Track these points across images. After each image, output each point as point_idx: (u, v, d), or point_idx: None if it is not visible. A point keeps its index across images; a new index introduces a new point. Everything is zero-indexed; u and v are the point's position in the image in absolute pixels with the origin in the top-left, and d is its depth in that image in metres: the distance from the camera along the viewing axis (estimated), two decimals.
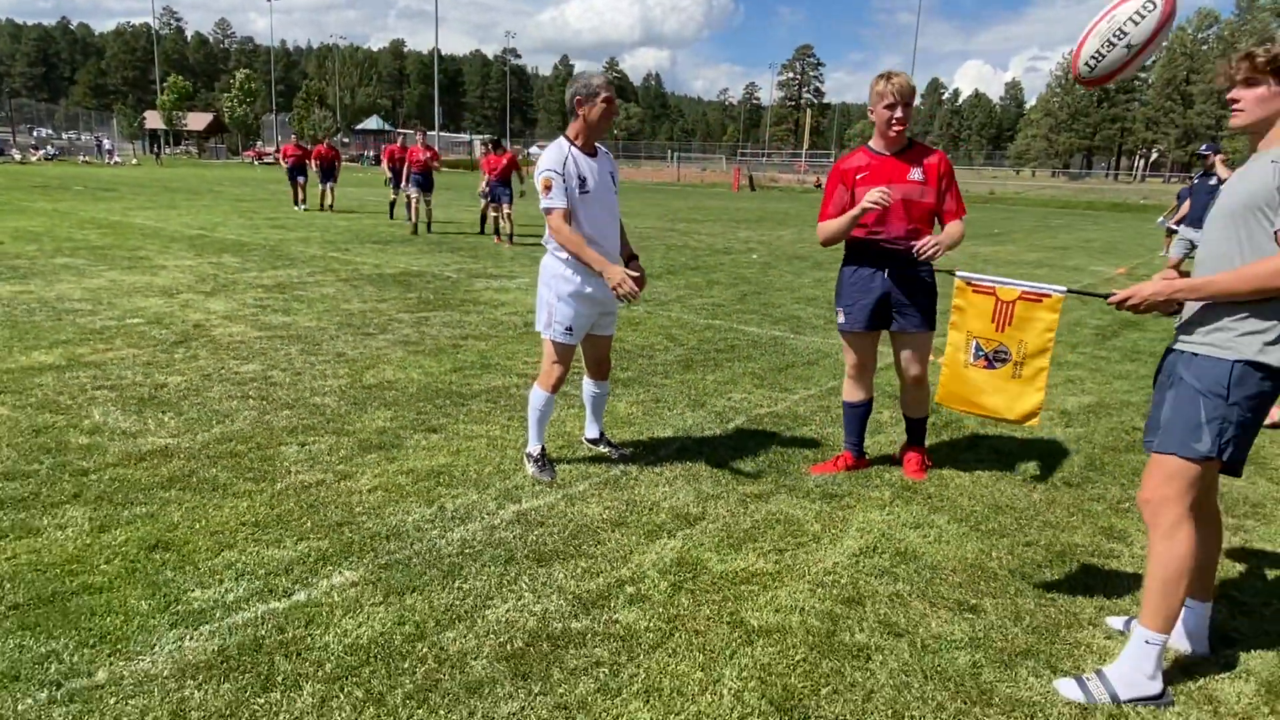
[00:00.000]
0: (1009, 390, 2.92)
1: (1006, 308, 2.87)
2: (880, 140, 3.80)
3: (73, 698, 2.21)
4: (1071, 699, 2.41)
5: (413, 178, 15.07)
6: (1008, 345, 2.89)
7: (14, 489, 3.49)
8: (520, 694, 2.32)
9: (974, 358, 2.95)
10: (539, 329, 3.95)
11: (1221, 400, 2.30)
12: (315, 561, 3.00)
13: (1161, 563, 2.38)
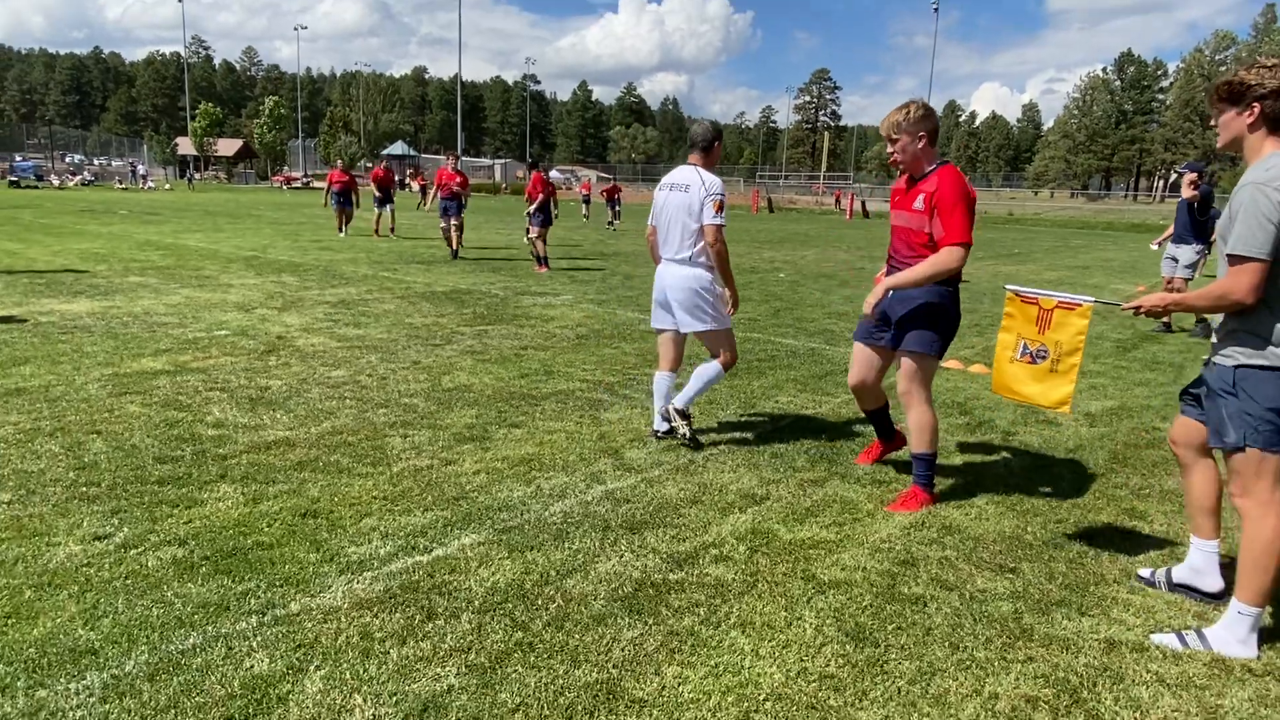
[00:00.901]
0: (1046, 381, 3.40)
1: (1047, 314, 3.36)
2: None
3: (277, 621, 2.71)
4: (1166, 645, 2.79)
5: (441, 203, 15.11)
6: (1047, 345, 3.37)
7: (168, 470, 4.02)
8: (638, 624, 2.80)
9: (1020, 354, 3.44)
10: (712, 327, 4.65)
11: (1234, 399, 2.71)
12: (444, 527, 3.50)
13: (1249, 543, 2.75)
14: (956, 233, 3.67)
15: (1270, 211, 2.53)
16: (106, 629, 2.61)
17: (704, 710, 2.36)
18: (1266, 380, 2.66)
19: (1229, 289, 2.64)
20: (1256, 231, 2.55)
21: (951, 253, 3.68)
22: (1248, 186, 2.61)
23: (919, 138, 3.82)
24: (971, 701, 2.47)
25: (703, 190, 4.57)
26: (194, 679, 2.38)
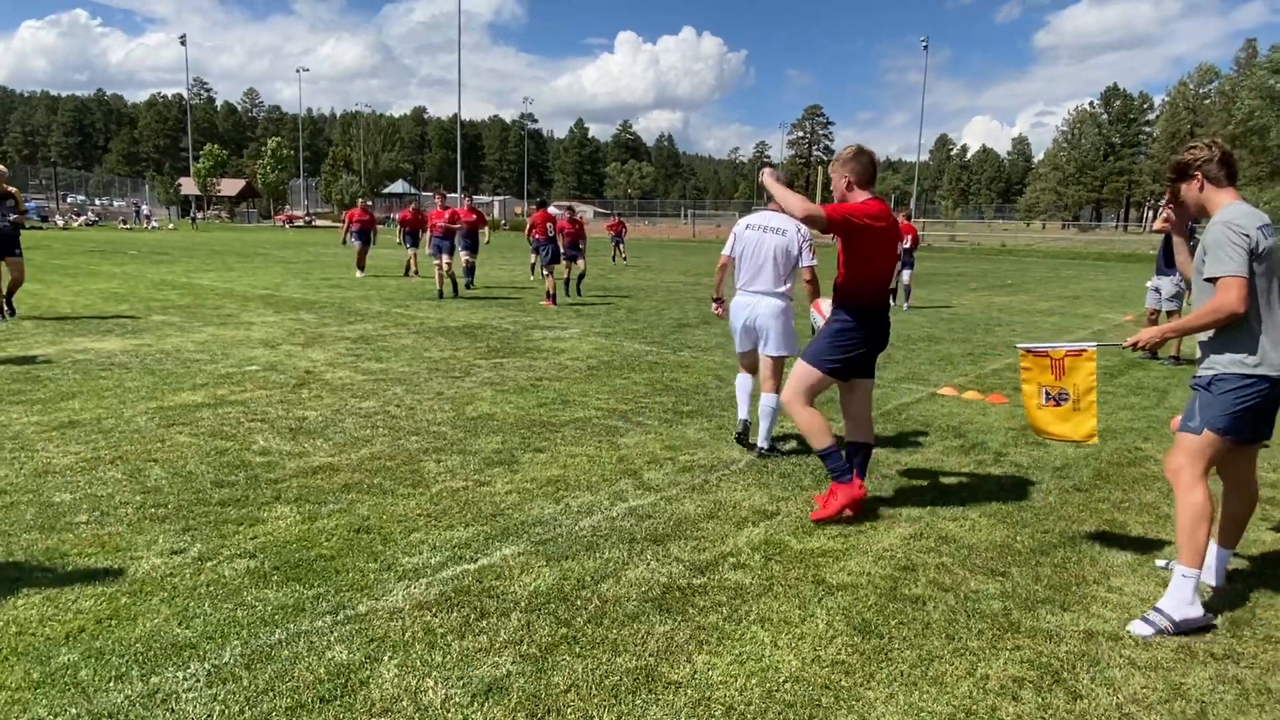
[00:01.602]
0: (1073, 419, 3.82)
1: (1059, 363, 3.80)
2: None
3: (349, 620, 3.05)
4: (1140, 634, 3.17)
5: (460, 239, 15.53)
6: (1066, 389, 3.79)
7: (226, 493, 4.37)
8: (668, 621, 3.14)
9: (1045, 401, 3.87)
10: (795, 353, 4.98)
11: (1206, 393, 3.30)
12: (485, 540, 3.85)
13: (1182, 512, 3.27)
14: (824, 208, 4.05)
15: (1239, 240, 3.15)
16: (199, 628, 2.95)
17: (732, 690, 2.70)
18: (1234, 382, 3.24)
19: (1221, 304, 3.19)
20: (1233, 255, 3.15)
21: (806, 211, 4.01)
22: (1218, 225, 3.24)
23: (844, 179, 4.29)
24: (965, 682, 2.81)
25: (799, 236, 5.23)
26: (284, 667, 2.72)
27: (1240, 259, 3.14)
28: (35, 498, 4.19)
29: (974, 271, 28.76)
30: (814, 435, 4.31)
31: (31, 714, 2.42)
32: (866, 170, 4.30)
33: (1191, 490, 3.27)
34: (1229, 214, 3.24)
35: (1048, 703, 2.71)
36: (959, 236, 63.26)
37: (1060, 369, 3.83)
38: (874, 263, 4.24)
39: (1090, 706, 2.69)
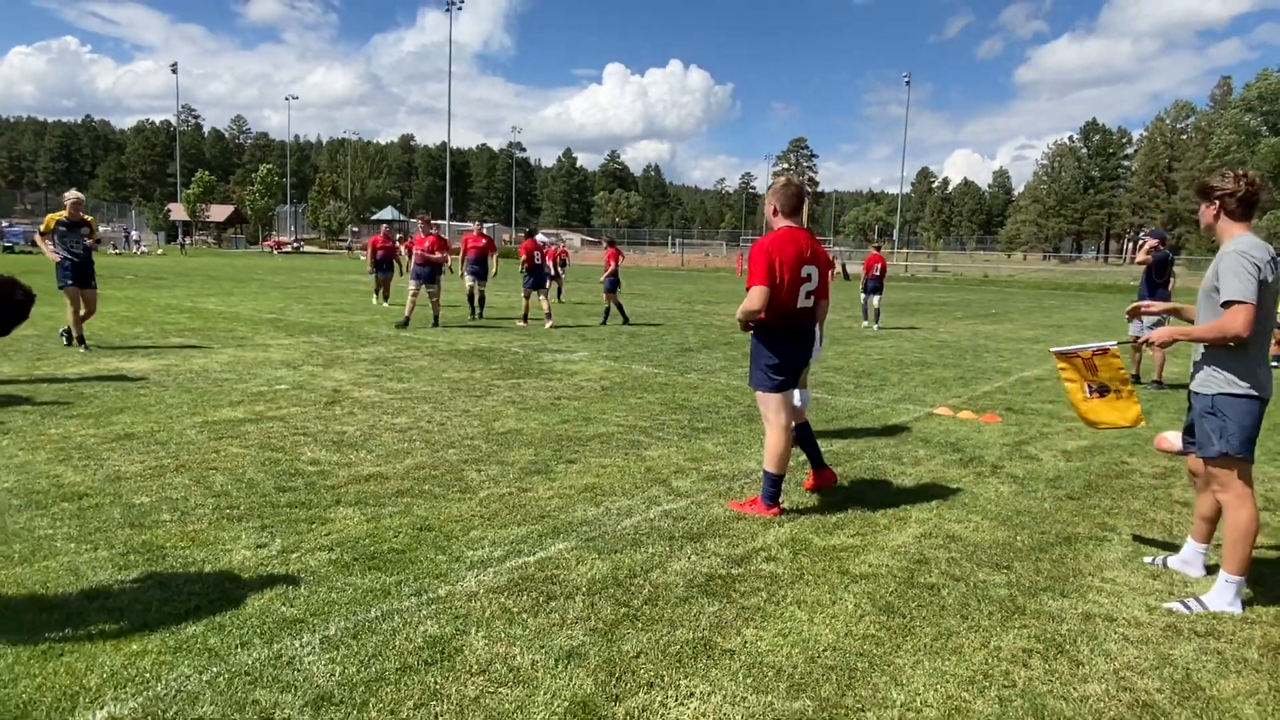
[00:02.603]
0: (1118, 406, 4.26)
1: (1089, 361, 4.24)
2: None
3: (432, 602, 3.41)
4: (1176, 609, 3.61)
5: (468, 265, 15.87)
6: (1105, 383, 4.23)
7: (290, 497, 4.72)
8: (715, 603, 3.53)
9: (1090, 394, 4.30)
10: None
11: (1214, 418, 3.65)
12: (538, 537, 4.23)
13: (1232, 528, 3.64)
14: (750, 279, 4.63)
15: (1252, 269, 3.49)
16: (302, 606, 3.31)
17: (779, 657, 3.09)
18: (1238, 403, 3.62)
19: (1227, 326, 3.56)
20: (1246, 283, 3.49)
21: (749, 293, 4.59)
22: (1231, 253, 3.56)
23: (772, 207, 4.83)
24: (980, 652, 3.21)
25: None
26: (386, 638, 3.08)
27: (1251, 286, 3.47)
28: (116, 500, 4.53)
29: (958, 301, 29.43)
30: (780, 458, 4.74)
31: (178, 672, 2.78)
32: (789, 201, 4.81)
33: (1239, 509, 3.64)
34: (1243, 244, 3.56)
35: (1053, 669, 3.11)
36: (941, 267, 64.35)
37: (1092, 365, 4.28)
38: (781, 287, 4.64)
39: (1091, 671, 3.10)
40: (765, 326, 4.73)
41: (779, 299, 4.63)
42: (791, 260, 4.62)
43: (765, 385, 4.76)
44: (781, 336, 4.74)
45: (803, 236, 4.76)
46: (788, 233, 4.70)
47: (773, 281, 4.56)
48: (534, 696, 2.74)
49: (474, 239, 15.96)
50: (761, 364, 4.76)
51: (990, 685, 2.97)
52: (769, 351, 4.74)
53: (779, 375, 4.74)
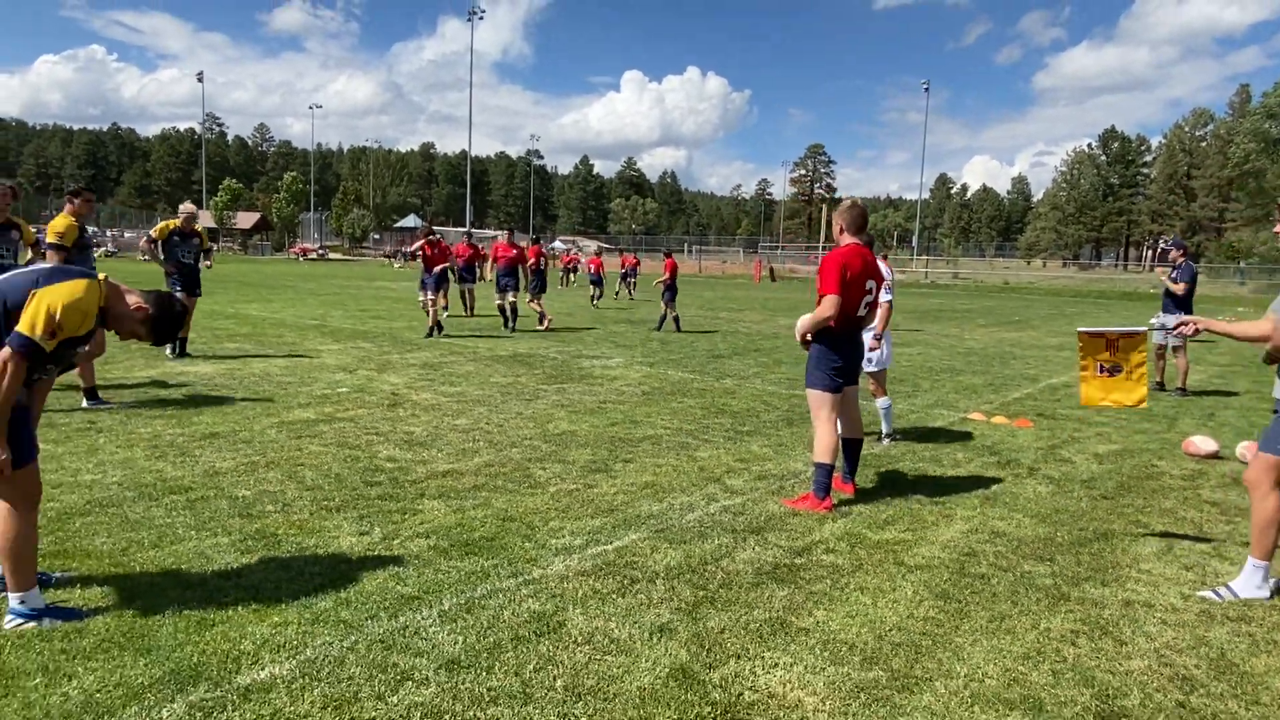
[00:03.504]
0: (1124, 387, 4.59)
1: (1114, 341, 4.57)
2: None
3: (529, 583, 3.76)
4: (1208, 597, 3.91)
5: (498, 276, 15.69)
6: (1119, 363, 4.56)
7: (378, 490, 5.09)
8: (785, 588, 3.86)
9: (1099, 372, 4.64)
10: None
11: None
12: (612, 528, 4.57)
13: (1256, 516, 3.94)
14: (822, 288, 5.02)
15: None
16: (414, 585, 3.67)
17: (850, 634, 3.41)
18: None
19: (1269, 333, 3.86)
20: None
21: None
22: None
23: (839, 225, 5.24)
24: (1032, 632, 3.52)
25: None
26: (495, 613, 3.44)
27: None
28: (220, 493, 4.91)
29: (979, 308, 29.58)
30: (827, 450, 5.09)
31: (321, 640, 3.14)
32: (854, 221, 5.24)
33: (1266, 499, 3.92)
34: None
35: (1099, 648, 3.41)
36: (961, 274, 64.33)
37: (1114, 346, 4.61)
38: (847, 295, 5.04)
39: (1134, 649, 3.40)
40: (830, 333, 5.07)
41: (845, 308, 4.99)
42: (858, 273, 5.00)
43: (825, 385, 5.09)
44: (843, 342, 5.10)
45: (866, 253, 5.14)
46: (854, 248, 5.08)
47: (843, 291, 4.91)
48: (637, 663, 3.08)
49: (504, 248, 15.78)
50: (826, 367, 5.09)
51: (1043, 660, 3.28)
52: (834, 354, 5.09)
53: (839, 377, 5.09)
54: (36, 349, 2.97)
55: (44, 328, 2.97)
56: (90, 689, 2.72)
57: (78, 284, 3.11)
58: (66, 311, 3.02)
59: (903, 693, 2.98)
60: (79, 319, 3.07)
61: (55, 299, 3.01)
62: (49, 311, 2.98)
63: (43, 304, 2.99)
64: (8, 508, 3.09)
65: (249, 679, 2.83)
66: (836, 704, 2.88)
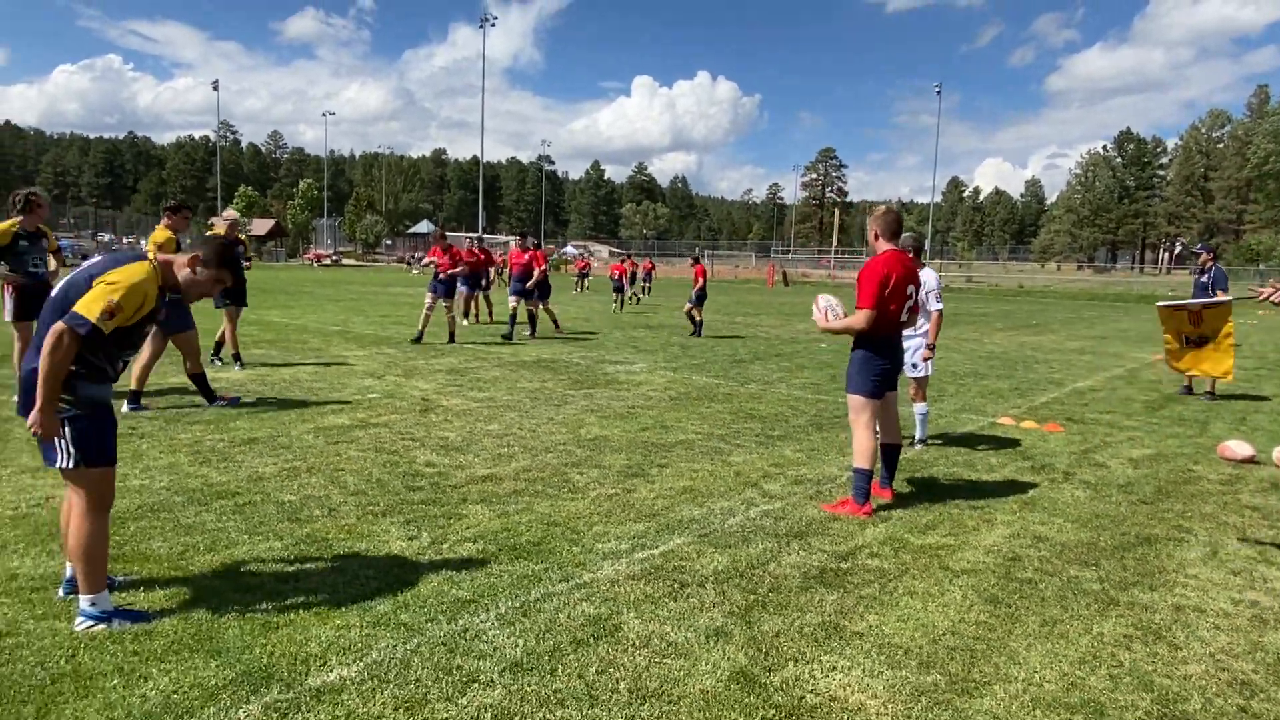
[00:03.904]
0: (1213, 358, 4.64)
1: (1196, 314, 4.62)
2: None
3: (580, 587, 3.80)
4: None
5: (512, 284, 15.38)
6: (1205, 333, 4.60)
7: (421, 495, 5.14)
8: (834, 592, 3.87)
9: (1185, 345, 4.69)
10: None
11: None
12: (656, 532, 4.60)
13: None
14: (860, 301, 5.08)
15: None
16: (469, 589, 3.71)
17: (904, 639, 3.43)
18: None
19: None
20: None
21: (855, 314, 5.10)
22: None
23: (874, 232, 5.28)
24: (1085, 636, 3.53)
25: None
26: (551, 616, 3.47)
27: None
28: (266, 498, 4.97)
29: (996, 312, 29.47)
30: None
31: (384, 643, 3.18)
32: (889, 227, 5.26)
33: None
34: None
35: (1154, 652, 3.42)
36: (975, 278, 64.09)
37: (1198, 318, 4.66)
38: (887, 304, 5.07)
39: (1189, 654, 3.40)
40: (871, 340, 5.09)
41: (885, 316, 5.02)
42: (898, 281, 5.01)
43: (867, 391, 5.11)
44: (885, 348, 5.12)
45: (905, 258, 5.15)
46: (893, 255, 5.09)
47: (881, 303, 4.97)
48: (696, 667, 3.11)
49: (517, 254, 15.34)
50: (868, 373, 5.10)
51: (1099, 665, 3.28)
52: (878, 359, 5.10)
53: (881, 383, 5.11)
54: (93, 329, 3.04)
55: (101, 309, 3.05)
56: (166, 690, 2.77)
57: (134, 266, 3.19)
58: (126, 293, 3.10)
59: (963, 696, 2.99)
60: (138, 298, 3.15)
61: (114, 281, 3.10)
62: (107, 294, 3.07)
63: (102, 288, 3.08)
64: (82, 510, 3.15)
65: (319, 681, 2.88)
66: (899, 707, 2.90)
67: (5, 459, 5.59)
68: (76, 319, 3.02)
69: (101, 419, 3.20)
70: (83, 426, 3.14)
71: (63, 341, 3.00)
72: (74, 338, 3.02)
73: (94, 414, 3.16)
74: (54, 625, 3.20)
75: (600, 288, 37.96)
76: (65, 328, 3.01)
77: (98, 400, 3.19)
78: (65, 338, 3.00)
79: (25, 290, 7.41)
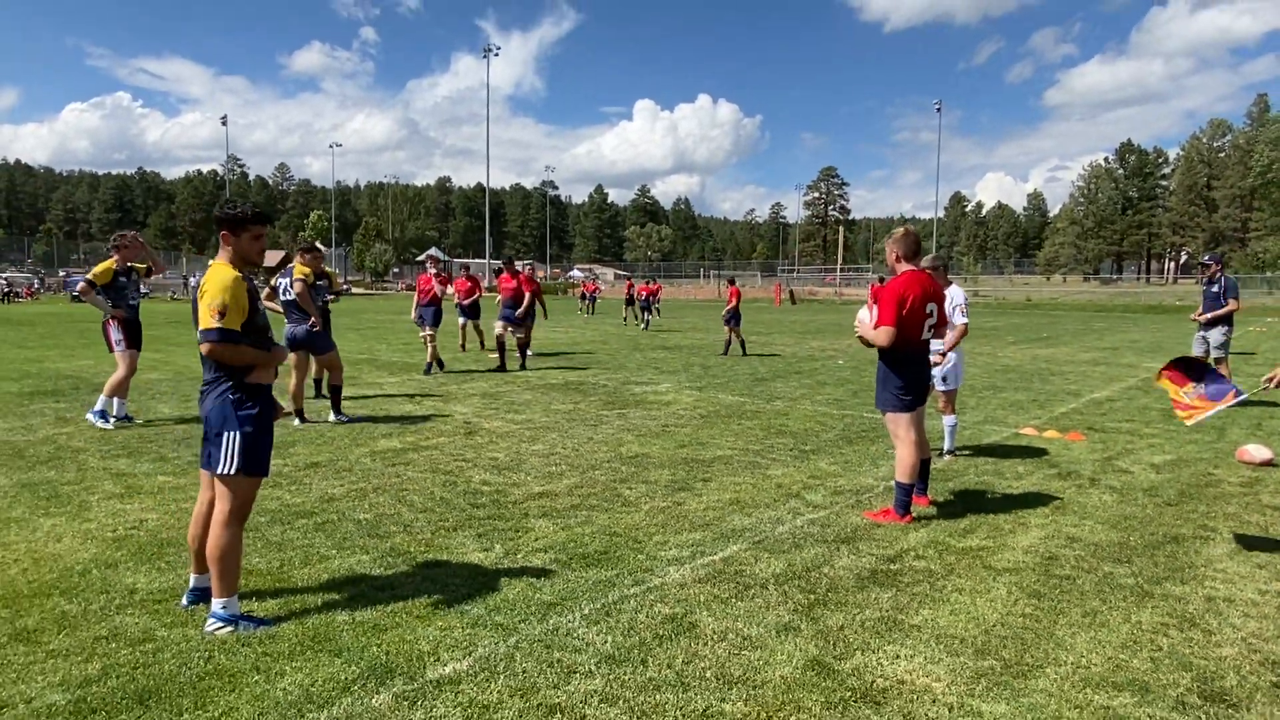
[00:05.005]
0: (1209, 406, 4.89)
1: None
2: None
3: (652, 590, 4.09)
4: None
5: (502, 310, 14.14)
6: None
7: (485, 512, 5.45)
8: (887, 591, 4.16)
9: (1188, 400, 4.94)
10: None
11: None
12: (712, 541, 4.90)
13: None
14: (879, 319, 5.38)
15: None
16: (550, 594, 4.01)
17: (959, 630, 3.72)
18: None
19: None
20: None
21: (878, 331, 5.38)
22: None
23: (894, 254, 5.54)
24: (1125, 625, 3.81)
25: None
26: (631, 616, 3.77)
27: None
28: (342, 516, 5.29)
29: (1006, 326, 29.75)
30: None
31: (486, 640, 3.48)
32: (909, 248, 5.56)
33: None
34: None
35: (1190, 637, 3.70)
36: (982, 291, 64.37)
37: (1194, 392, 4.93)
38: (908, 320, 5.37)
39: (1223, 639, 3.68)
40: (894, 356, 5.40)
41: (906, 333, 5.32)
42: (918, 300, 5.32)
43: (896, 406, 5.41)
44: (908, 364, 5.41)
45: (925, 278, 5.46)
46: (912, 275, 5.40)
47: (900, 321, 5.26)
48: (774, 656, 3.40)
49: (505, 280, 14.21)
50: (891, 388, 5.42)
51: (1140, 649, 3.57)
52: (898, 377, 5.40)
53: (908, 396, 5.40)
54: (222, 333, 3.45)
55: (212, 312, 3.45)
56: (303, 684, 3.08)
57: (214, 267, 3.61)
58: (225, 291, 3.48)
59: (1019, 679, 3.28)
60: (236, 288, 3.52)
61: (207, 288, 3.50)
62: (209, 299, 3.47)
63: (203, 298, 3.49)
64: (224, 519, 3.49)
65: (436, 674, 3.18)
66: (961, 688, 3.19)
67: (90, 487, 5.92)
68: (203, 336, 3.53)
69: (264, 433, 3.56)
70: (249, 437, 3.49)
71: (223, 356, 3.58)
72: (218, 347, 3.54)
73: (259, 427, 3.52)
74: (185, 632, 3.52)
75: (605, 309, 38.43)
76: (208, 348, 3.54)
77: (265, 417, 3.60)
78: (216, 351, 3.55)
79: (127, 322, 8.48)
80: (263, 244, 3.81)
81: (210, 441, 3.59)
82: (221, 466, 3.51)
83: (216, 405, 3.57)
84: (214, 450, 3.53)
